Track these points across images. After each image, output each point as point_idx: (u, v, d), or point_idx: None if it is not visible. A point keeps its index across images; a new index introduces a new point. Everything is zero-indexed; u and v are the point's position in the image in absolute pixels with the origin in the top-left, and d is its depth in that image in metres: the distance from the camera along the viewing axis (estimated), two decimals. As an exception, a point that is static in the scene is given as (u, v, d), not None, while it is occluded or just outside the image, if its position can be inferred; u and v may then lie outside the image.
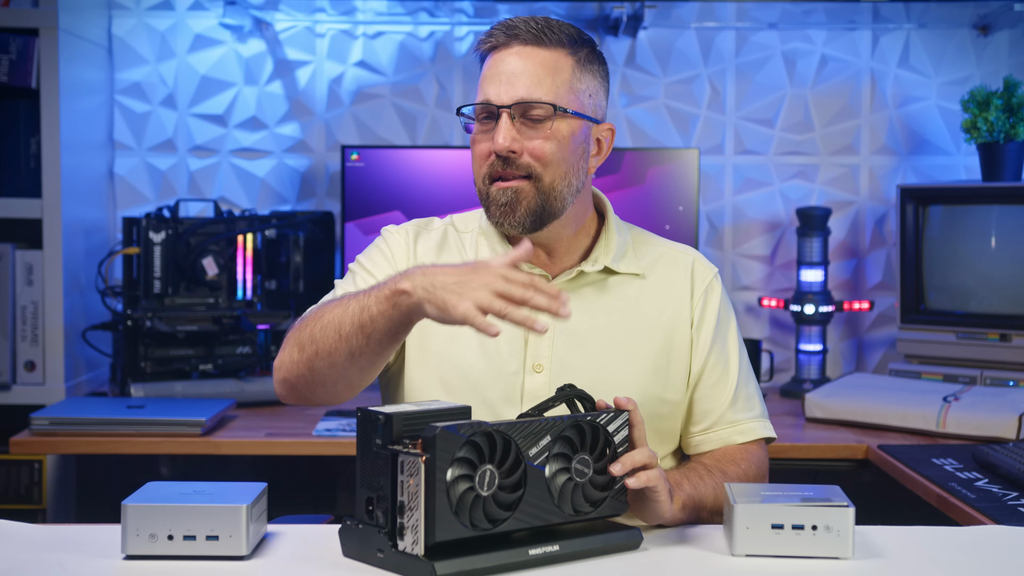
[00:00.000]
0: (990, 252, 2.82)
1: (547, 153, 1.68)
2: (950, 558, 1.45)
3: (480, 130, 1.71)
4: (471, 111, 1.72)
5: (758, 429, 1.79)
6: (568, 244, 1.77)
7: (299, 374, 1.63)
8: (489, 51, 1.72)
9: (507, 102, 1.68)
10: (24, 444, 2.49)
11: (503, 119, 1.67)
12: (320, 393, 1.65)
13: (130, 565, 1.39)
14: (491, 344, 1.71)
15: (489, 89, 1.69)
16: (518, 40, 1.70)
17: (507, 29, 1.71)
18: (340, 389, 1.64)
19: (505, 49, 1.70)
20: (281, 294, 2.95)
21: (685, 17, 3.08)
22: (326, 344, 1.58)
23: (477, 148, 1.72)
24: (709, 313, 1.79)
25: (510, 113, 1.67)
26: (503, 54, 1.70)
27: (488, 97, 1.69)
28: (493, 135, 1.68)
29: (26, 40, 2.72)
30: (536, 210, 1.69)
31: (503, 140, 1.66)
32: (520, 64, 1.69)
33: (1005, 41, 3.15)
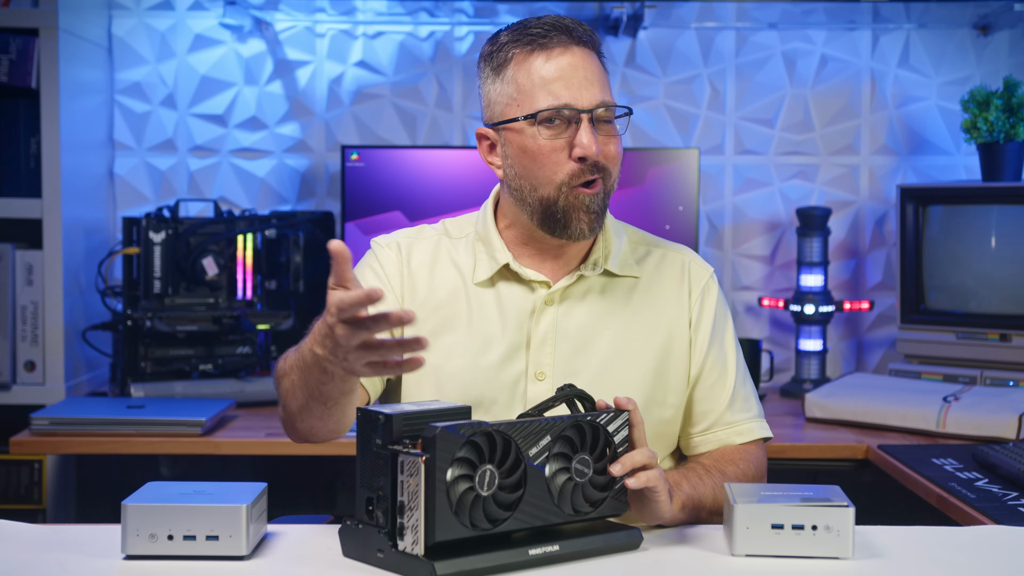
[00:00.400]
0: (990, 252, 2.82)
1: (615, 156, 1.68)
2: (950, 558, 1.45)
3: (550, 135, 1.65)
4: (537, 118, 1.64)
5: (756, 429, 1.79)
6: (577, 248, 1.75)
7: (292, 426, 1.65)
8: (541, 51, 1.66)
9: (588, 106, 1.64)
10: (24, 444, 2.49)
11: (585, 124, 1.64)
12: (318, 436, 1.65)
13: (130, 565, 1.38)
14: (489, 355, 1.70)
15: (563, 92, 1.64)
16: (576, 41, 1.67)
17: (563, 28, 1.67)
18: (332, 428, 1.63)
19: (566, 52, 1.66)
20: (281, 294, 2.95)
21: (685, 17, 3.08)
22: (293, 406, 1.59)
23: (549, 155, 1.65)
24: (706, 314, 1.78)
25: (590, 117, 1.64)
26: (565, 55, 1.66)
27: (566, 101, 1.64)
28: (571, 140, 1.64)
29: (26, 40, 2.72)
30: (603, 213, 1.69)
31: (592, 145, 1.63)
32: (587, 66, 1.67)
33: (1005, 41, 3.15)
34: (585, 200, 1.66)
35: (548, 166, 1.65)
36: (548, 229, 1.69)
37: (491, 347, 1.71)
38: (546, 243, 1.73)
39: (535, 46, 1.66)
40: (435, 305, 1.74)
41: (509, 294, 1.74)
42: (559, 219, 1.67)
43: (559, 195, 1.66)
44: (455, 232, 1.80)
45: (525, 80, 1.66)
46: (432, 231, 1.82)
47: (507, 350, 1.71)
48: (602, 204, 1.68)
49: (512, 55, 1.68)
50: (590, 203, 1.66)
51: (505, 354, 1.71)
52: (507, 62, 1.68)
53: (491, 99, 1.72)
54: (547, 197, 1.67)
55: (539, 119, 1.65)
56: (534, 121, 1.65)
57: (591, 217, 1.67)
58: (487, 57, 1.72)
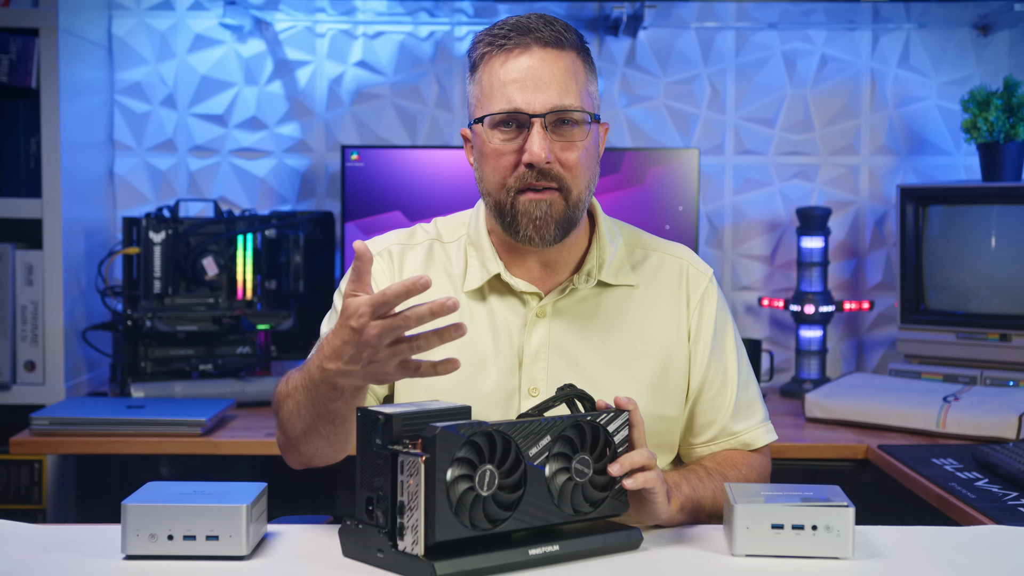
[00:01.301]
0: (990, 252, 2.82)
1: (576, 163, 1.62)
2: (950, 558, 1.45)
3: (502, 139, 1.62)
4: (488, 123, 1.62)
5: (760, 437, 1.77)
6: (566, 254, 1.71)
7: (291, 450, 1.64)
8: (501, 54, 1.63)
9: (540, 110, 1.60)
10: (24, 444, 2.49)
11: (536, 128, 1.59)
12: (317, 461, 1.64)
13: (130, 565, 1.38)
14: (482, 371, 1.68)
15: (516, 96, 1.60)
16: (537, 42, 1.62)
17: (522, 30, 1.62)
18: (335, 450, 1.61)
19: (523, 51, 1.62)
20: (281, 294, 2.95)
21: (685, 17, 3.08)
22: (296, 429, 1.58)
23: (501, 159, 1.62)
24: (706, 323, 1.75)
25: (542, 122, 1.60)
26: (522, 57, 1.62)
27: (517, 105, 1.60)
28: (523, 145, 1.60)
29: (26, 40, 2.72)
30: (564, 222, 1.63)
31: (540, 151, 1.58)
32: (545, 69, 1.61)
33: (1005, 41, 3.15)
34: (527, 206, 1.62)
35: (499, 170, 1.63)
36: (508, 234, 1.66)
37: (484, 363, 1.68)
38: (526, 249, 1.69)
39: (496, 47, 1.63)
40: None
41: (500, 307, 1.70)
42: (510, 223, 1.64)
43: (507, 199, 1.63)
44: (447, 235, 1.77)
45: (487, 82, 1.64)
46: (424, 234, 1.78)
47: (500, 366, 1.68)
48: (552, 212, 1.62)
49: (481, 55, 1.66)
50: (532, 209, 1.61)
51: (498, 370, 1.68)
52: (477, 63, 1.67)
53: (469, 100, 1.71)
54: (499, 201, 1.64)
55: (490, 123, 1.62)
56: (488, 126, 1.63)
57: (536, 223, 1.62)
58: (467, 57, 1.71)
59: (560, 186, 1.62)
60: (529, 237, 1.63)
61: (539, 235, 1.63)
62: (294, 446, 1.62)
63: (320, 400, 1.50)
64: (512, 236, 1.66)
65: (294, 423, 1.58)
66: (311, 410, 1.53)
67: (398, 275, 1.73)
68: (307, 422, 1.55)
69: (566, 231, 1.65)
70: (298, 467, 1.68)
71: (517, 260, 1.71)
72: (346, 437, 1.58)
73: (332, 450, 1.61)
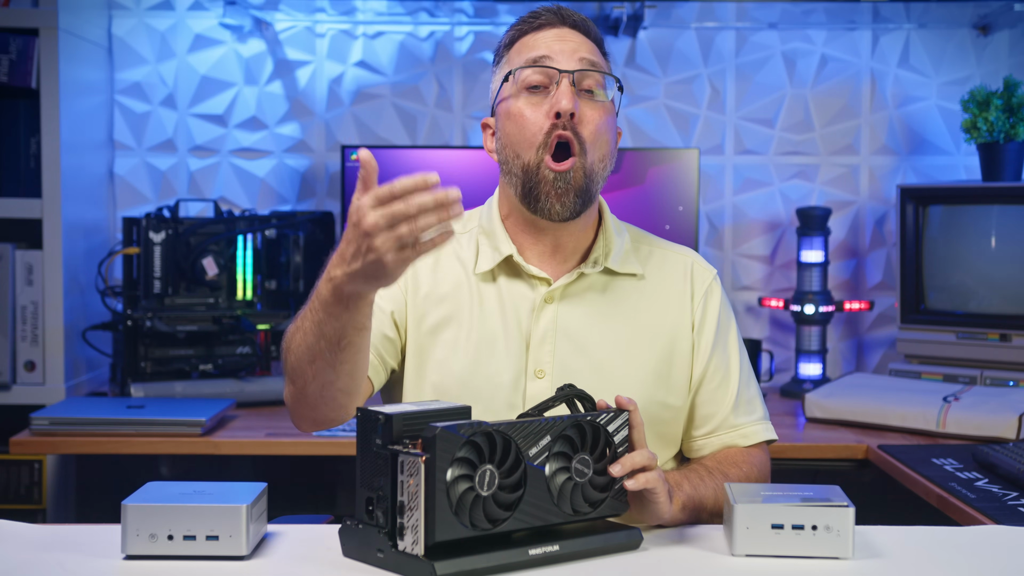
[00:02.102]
0: (990, 252, 2.82)
1: (597, 124, 1.66)
2: (950, 558, 1.45)
3: (530, 99, 1.67)
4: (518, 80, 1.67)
5: (760, 432, 1.78)
6: (577, 240, 1.74)
7: (300, 402, 1.62)
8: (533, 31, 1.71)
9: (570, 67, 1.66)
10: (24, 444, 2.49)
11: (564, 83, 1.65)
12: (323, 412, 1.62)
13: (130, 565, 1.38)
14: (491, 352, 1.70)
15: (545, 51, 1.67)
16: (566, 22, 1.71)
17: (553, 11, 1.71)
18: (340, 401, 1.60)
19: (553, 27, 1.70)
20: (281, 294, 2.95)
21: (685, 17, 3.08)
22: (308, 370, 1.55)
23: (527, 118, 1.66)
24: (709, 317, 1.77)
25: (571, 78, 1.65)
26: (553, 29, 1.70)
27: (547, 56, 1.67)
28: (551, 100, 1.65)
29: (26, 40, 2.72)
30: (583, 192, 1.66)
31: (567, 101, 1.63)
32: (576, 38, 1.69)
33: (1005, 41, 3.15)
34: (550, 176, 1.65)
35: (528, 127, 1.66)
36: (529, 205, 1.68)
37: (493, 343, 1.71)
38: (539, 226, 1.72)
39: (526, 26, 1.72)
40: (438, 299, 1.74)
41: (510, 290, 1.74)
42: (534, 193, 1.67)
43: (536, 159, 1.65)
44: (458, 226, 1.79)
45: (515, 56, 1.71)
46: None
47: (508, 347, 1.70)
48: (572, 183, 1.65)
49: (510, 39, 1.74)
50: (555, 180, 1.64)
51: (506, 351, 1.70)
52: (505, 50, 1.74)
53: (492, 88, 1.77)
54: (527, 163, 1.66)
55: (520, 81, 1.67)
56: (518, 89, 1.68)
57: (559, 195, 1.65)
58: (494, 53, 1.78)
59: (580, 146, 1.65)
60: (552, 209, 1.66)
61: (563, 207, 1.66)
62: (302, 391, 1.58)
63: (326, 320, 1.48)
64: (535, 209, 1.68)
65: (302, 356, 1.55)
66: (317, 334, 1.50)
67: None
68: (314, 350, 1.52)
69: (584, 203, 1.68)
70: (308, 426, 1.65)
71: (530, 244, 1.75)
72: (352, 372, 1.55)
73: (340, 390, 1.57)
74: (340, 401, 1.61)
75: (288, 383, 1.63)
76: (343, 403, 1.62)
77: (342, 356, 1.53)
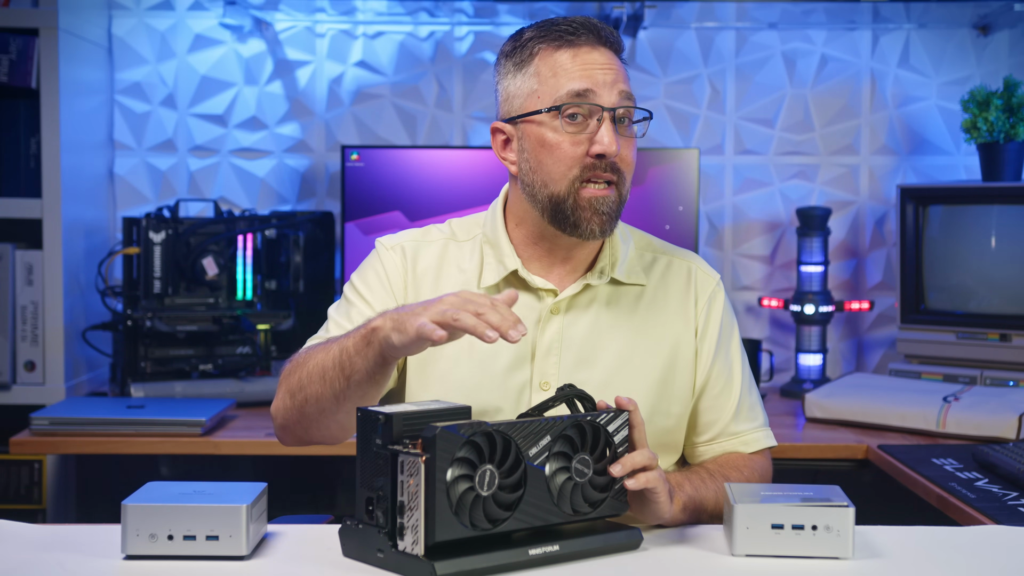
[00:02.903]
0: (990, 252, 2.82)
1: (630, 161, 1.68)
2: (950, 558, 1.45)
3: (570, 131, 1.64)
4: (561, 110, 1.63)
5: (761, 439, 1.78)
6: (582, 253, 1.73)
7: (293, 420, 1.64)
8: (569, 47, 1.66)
9: (612, 104, 1.64)
10: (24, 444, 2.49)
11: (608, 121, 1.63)
12: (315, 435, 1.66)
13: (130, 565, 1.38)
14: (496, 363, 1.69)
15: (589, 87, 1.63)
16: (604, 43, 1.67)
17: (592, 28, 1.67)
18: (333, 431, 1.64)
19: (594, 50, 1.66)
20: (281, 294, 2.95)
21: (685, 17, 3.08)
22: (313, 389, 1.58)
23: (565, 149, 1.64)
24: (712, 323, 1.77)
25: (612, 115, 1.64)
26: (594, 54, 1.66)
27: (592, 91, 1.63)
28: (591, 137, 1.63)
29: (26, 40, 2.72)
30: (617, 216, 1.69)
31: (612, 144, 1.62)
32: (613, 66, 1.66)
33: (1005, 41, 3.15)
34: (594, 202, 1.65)
35: (564, 160, 1.64)
36: (559, 226, 1.67)
37: (497, 355, 1.69)
38: (557, 242, 1.71)
39: (562, 42, 1.66)
40: None
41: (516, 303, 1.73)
42: (568, 217, 1.66)
43: (569, 192, 1.65)
44: (462, 235, 1.78)
45: (550, 74, 1.66)
46: (438, 233, 1.79)
47: (512, 359, 1.69)
48: (614, 208, 1.67)
49: (538, 50, 1.67)
50: (599, 205, 1.65)
51: (510, 363, 1.69)
52: (532, 57, 1.68)
53: (511, 93, 1.70)
54: (557, 194, 1.65)
55: (563, 112, 1.64)
56: (557, 114, 1.64)
57: (602, 219, 1.65)
58: (509, 54, 1.71)
59: (618, 180, 1.66)
60: (592, 231, 1.66)
61: (601, 230, 1.66)
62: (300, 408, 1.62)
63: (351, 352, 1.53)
64: (568, 230, 1.67)
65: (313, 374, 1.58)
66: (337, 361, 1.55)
67: (411, 272, 1.74)
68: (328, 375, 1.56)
69: (616, 224, 1.70)
70: (291, 442, 1.68)
71: (536, 255, 1.74)
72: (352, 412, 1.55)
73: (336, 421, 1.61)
74: (332, 430, 1.64)
75: (285, 396, 1.64)
76: (335, 433, 1.65)
77: (348, 392, 1.56)
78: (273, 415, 1.69)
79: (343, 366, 1.54)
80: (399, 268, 1.74)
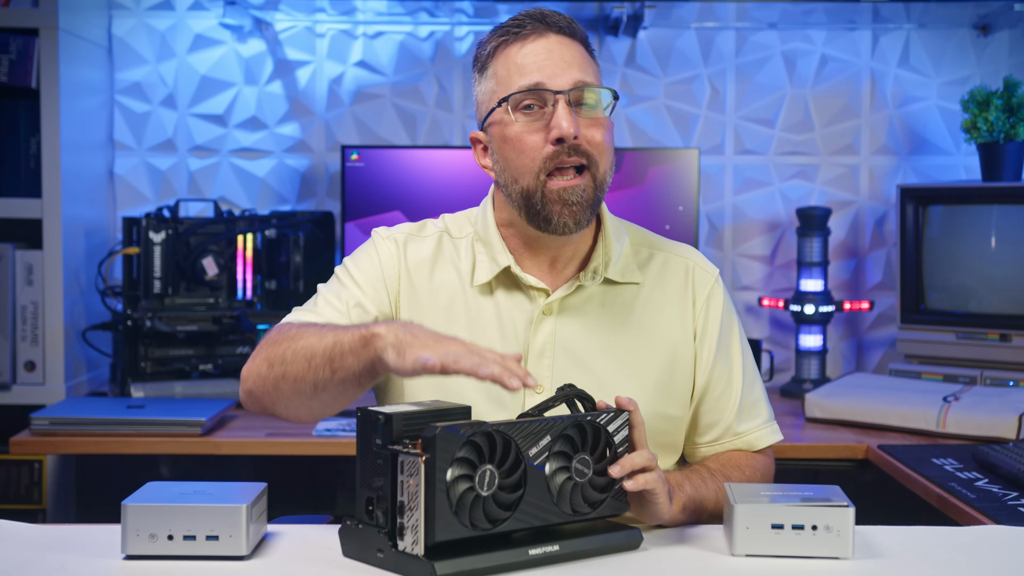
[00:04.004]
0: (990, 252, 2.82)
1: (600, 143, 1.61)
2: (950, 558, 1.45)
3: (526, 122, 1.60)
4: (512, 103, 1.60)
5: (765, 437, 1.77)
6: (575, 248, 1.70)
7: (264, 390, 1.59)
8: (518, 41, 1.63)
9: (564, 87, 1.60)
10: (24, 444, 2.49)
11: (560, 105, 1.59)
12: (280, 411, 1.61)
13: (130, 565, 1.38)
14: None
15: (536, 75, 1.60)
16: (551, 28, 1.63)
17: (536, 17, 1.63)
18: (300, 414, 1.60)
19: (541, 37, 1.62)
20: (281, 294, 2.95)
21: (685, 17, 3.08)
22: (295, 369, 1.53)
23: (525, 141, 1.60)
24: (712, 324, 1.74)
25: (567, 98, 1.59)
26: (539, 40, 1.62)
27: (540, 80, 1.59)
28: (547, 124, 1.59)
29: (26, 40, 2.72)
30: (594, 204, 1.63)
31: (568, 125, 1.57)
32: (564, 51, 1.62)
33: (1005, 41, 3.15)
34: (563, 194, 1.60)
35: (526, 152, 1.61)
36: (534, 223, 1.64)
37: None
38: (541, 242, 1.68)
39: (512, 37, 1.64)
40: (435, 308, 1.71)
41: (507, 302, 1.70)
42: (540, 212, 1.62)
43: (537, 186, 1.61)
44: (455, 231, 1.76)
45: (502, 70, 1.64)
46: (434, 228, 1.77)
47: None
48: (585, 196, 1.61)
49: (493, 51, 1.66)
50: (568, 196, 1.60)
51: None
52: (490, 59, 1.67)
53: (479, 100, 1.69)
54: (526, 188, 1.62)
55: (513, 103, 1.61)
56: (511, 108, 1.61)
57: (573, 210, 1.61)
58: (474, 61, 1.71)
59: (588, 163, 1.61)
60: (565, 225, 1.61)
61: (575, 222, 1.62)
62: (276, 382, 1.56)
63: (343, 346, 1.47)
64: (541, 226, 1.63)
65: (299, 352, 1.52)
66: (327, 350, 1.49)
67: (404, 264, 1.72)
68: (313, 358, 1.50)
69: (593, 215, 1.65)
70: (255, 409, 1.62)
71: (528, 255, 1.71)
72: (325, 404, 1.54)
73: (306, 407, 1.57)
74: (300, 413, 1.60)
75: (263, 363, 1.58)
76: (301, 415, 1.61)
77: (329, 385, 1.51)
78: (244, 377, 1.62)
79: (333, 359, 1.49)
80: (393, 258, 1.72)
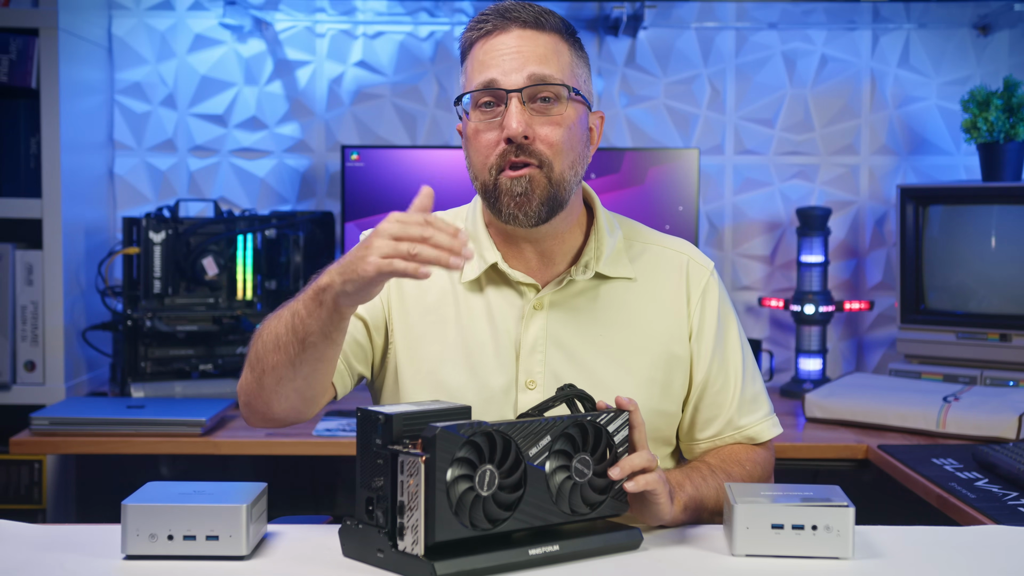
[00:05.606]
0: (990, 252, 2.82)
1: (558, 139, 1.60)
2: (950, 558, 1.45)
3: (482, 119, 1.61)
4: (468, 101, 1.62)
5: (765, 431, 1.76)
6: (561, 243, 1.70)
7: (254, 394, 1.60)
8: (482, 38, 1.63)
9: (517, 85, 1.59)
10: (24, 444, 2.49)
11: (513, 103, 1.58)
12: (276, 409, 1.61)
13: (130, 565, 1.39)
14: (480, 362, 1.66)
15: (492, 72, 1.60)
16: (516, 23, 1.62)
17: (502, 12, 1.63)
18: (293, 401, 1.60)
19: (503, 33, 1.62)
20: (281, 294, 2.95)
21: (685, 17, 3.08)
22: (270, 360, 1.55)
23: (481, 138, 1.61)
24: (708, 320, 1.73)
25: (520, 97, 1.59)
26: (501, 38, 1.62)
27: (493, 77, 1.60)
28: (501, 122, 1.59)
29: (26, 40, 2.72)
30: (548, 200, 1.61)
31: (517, 125, 1.57)
32: (523, 45, 1.60)
33: (1005, 41, 3.15)
34: (507, 184, 1.60)
35: (481, 149, 1.62)
36: (497, 218, 1.65)
37: (482, 354, 1.67)
38: (518, 236, 1.68)
39: (478, 33, 1.64)
40: (425, 307, 1.71)
41: (497, 299, 1.69)
42: (494, 204, 1.63)
43: (490, 179, 1.62)
44: None
45: (469, 67, 1.65)
46: None
47: (498, 357, 1.67)
48: (532, 188, 1.59)
49: (468, 44, 1.67)
50: (512, 186, 1.60)
51: (496, 361, 1.67)
52: (463, 57, 1.68)
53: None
54: (484, 183, 1.63)
55: (473, 101, 1.62)
56: (472, 106, 1.62)
57: (518, 200, 1.60)
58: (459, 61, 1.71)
59: (540, 162, 1.60)
60: (512, 215, 1.61)
61: (522, 212, 1.61)
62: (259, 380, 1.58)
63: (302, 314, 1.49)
64: (497, 217, 1.64)
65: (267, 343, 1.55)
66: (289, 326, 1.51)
67: None
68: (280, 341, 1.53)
69: (552, 210, 1.63)
70: (258, 422, 1.64)
71: (514, 251, 1.70)
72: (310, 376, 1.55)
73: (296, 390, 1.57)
74: (292, 401, 1.60)
75: (247, 370, 1.61)
76: (296, 405, 1.61)
77: (304, 356, 1.53)
78: (238, 393, 1.65)
79: (295, 330, 1.50)
80: None
